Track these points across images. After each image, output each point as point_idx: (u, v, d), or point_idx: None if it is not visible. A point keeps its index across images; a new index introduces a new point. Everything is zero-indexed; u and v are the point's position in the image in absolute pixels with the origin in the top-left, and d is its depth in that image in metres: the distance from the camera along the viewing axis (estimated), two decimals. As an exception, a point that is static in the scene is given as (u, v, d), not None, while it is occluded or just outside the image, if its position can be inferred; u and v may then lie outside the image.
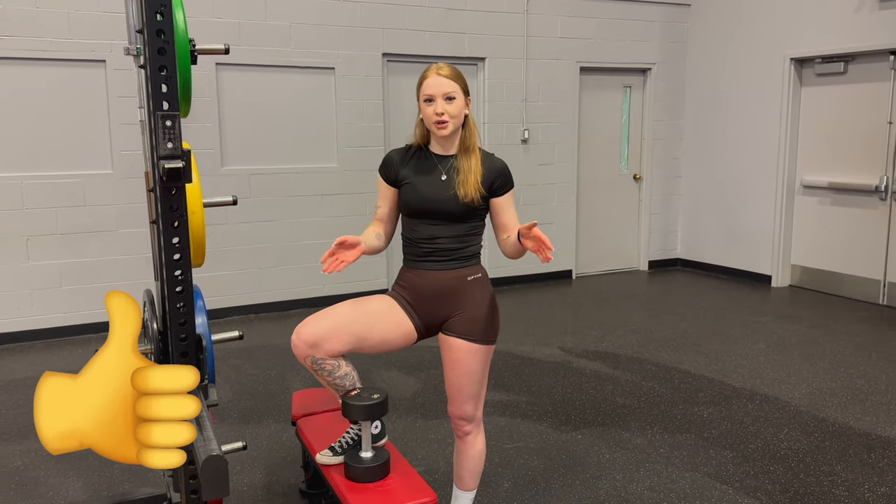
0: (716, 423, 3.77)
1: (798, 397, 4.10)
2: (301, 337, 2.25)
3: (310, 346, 2.25)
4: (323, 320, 2.28)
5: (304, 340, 2.25)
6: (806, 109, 6.68)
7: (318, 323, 2.27)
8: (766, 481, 3.14)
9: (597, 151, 7.46)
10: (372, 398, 2.31)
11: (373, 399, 2.30)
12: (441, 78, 2.27)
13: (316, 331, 2.25)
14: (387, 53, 6.25)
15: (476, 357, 2.32)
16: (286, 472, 3.26)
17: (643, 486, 3.11)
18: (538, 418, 3.84)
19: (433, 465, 3.30)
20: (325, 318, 2.29)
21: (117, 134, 5.41)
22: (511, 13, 6.68)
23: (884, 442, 3.52)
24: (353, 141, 6.20)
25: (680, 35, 7.55)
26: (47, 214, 5.28)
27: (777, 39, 6.70)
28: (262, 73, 5.83)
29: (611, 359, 4.82)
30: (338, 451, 2.48)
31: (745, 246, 7.22)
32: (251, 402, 4.11)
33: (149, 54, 1.97)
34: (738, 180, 7.21)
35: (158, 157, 1.99)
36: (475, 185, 2.27)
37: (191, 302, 2.12)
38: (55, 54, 5.18)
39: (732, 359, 4.79)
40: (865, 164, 6.20)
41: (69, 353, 5.07)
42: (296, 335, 2.27)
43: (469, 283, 2.34)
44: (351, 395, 2.31)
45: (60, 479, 3.22)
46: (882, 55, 5.98)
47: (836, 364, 4.67)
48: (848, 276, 6.43)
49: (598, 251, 7.61)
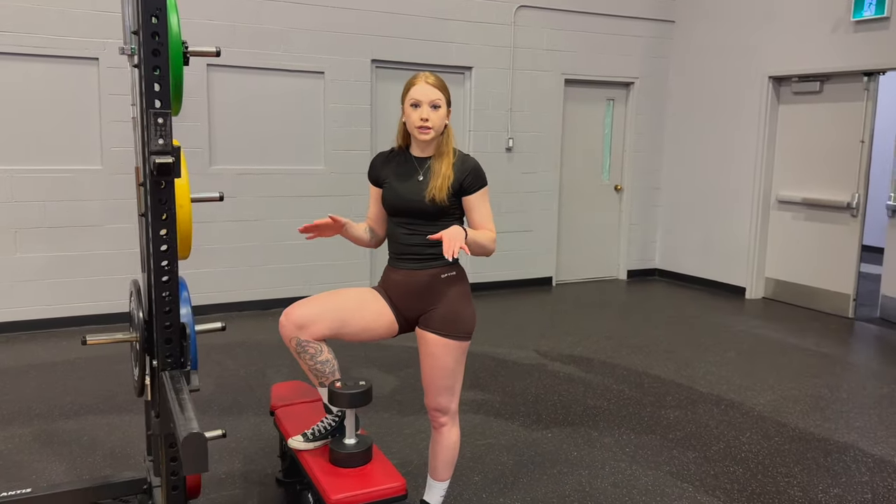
0: (681, 425, 3.90)
1: (762, 403, 4.25)
2: (290, 318, 2.41)
3: (297, 328, 2.40)
4: (311, 304, 2.44)
5: (293, 322, 2.40)
6: (782, 126, 6.87)
7: (307, 306, 2.43)
8: (725, 481, 3.28)
9: (579, 161, 7.62)
10: (359, 385, 2.43)
11: (359, 387, 2.42)
12: (428, 86, 2.41)
13: (304, 313, 2.40)
14: (376, 60, 6.38)
15: (449, 351, 2.45)
16: (263, 461, 3.36)
17: (607, 483, 3.23)
18: (511, 417, 3.96)
19: (407, 459, 3.41)
20: (313, 302, 2.45)
21: (108, 131, 5.50)
22: (498, 24, 6.83)
23: (840, 447, 3.67)
24: (341, 144, 6.31)
25: (663, 51, 7.73)
26: (35, 207, 5.35)
27: (756, 58, 6.89)
28: (252, 76, 5.94)
29: (584, 363, 4.95)
30: (310, 438, 2.59)
31: (720, 258, 7.39)
32: (232, 395, 4.20)
33: (143, 55, 2.08)
34: (716, 193, 7.39)
35: (149, 153, 2.10)
36: (443, 187, 2.41)
37: (176, 291, 2.23)
38: (49, 51, 5.26)
39: (702, 366, 4.94)
40: (838, 181, 6.39)
41: (53, 344, 5.14)
42: (284, 316, 2.42)
43: (443, 281, 2.47)
44: (338, 386, 2.43)
45: (44, 463, 3.30)
46: (856, 76, 6.18)
47: (801, 373, 4.82)
48: (819, 289, 6.61)
49: (578, 259, 7.76)
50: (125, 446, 3.50)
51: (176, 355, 2.25)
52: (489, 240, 2.45)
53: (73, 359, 4.83)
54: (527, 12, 6.95)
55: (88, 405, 4.03)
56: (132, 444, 3.53)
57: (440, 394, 2.49)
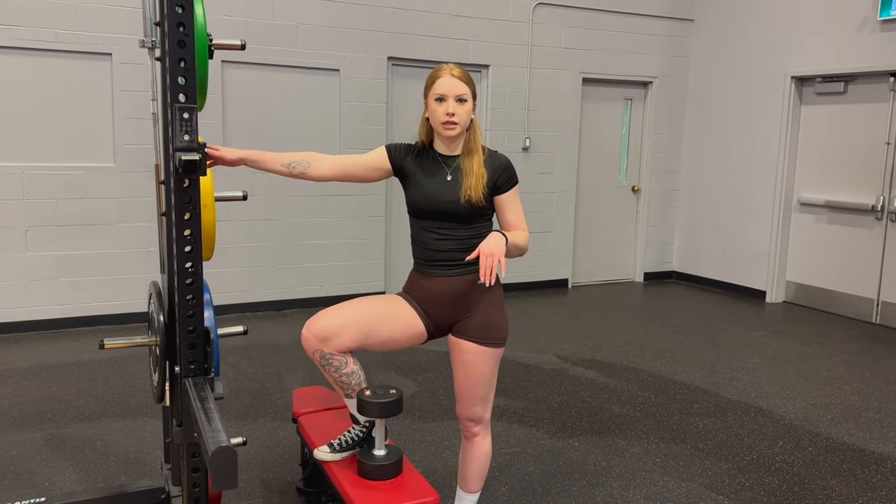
0: (711, 434, 3.78)
1: (792, 412, 4.13)
2: (312, 331, 2.28)
3: (320, 341, 2.27)
4: (334, 315, 2.29)
5: (315, 335, 2.27)
6: (805, 127, 6.73)
7: (329, 318, 2.29)
8: (761, 493, 3.16)
9: (596, 162, 7.50)
10: (389, 394, 2.32)
11: (390, 396, 2.31)
12: (454, 79, 2.27)
13: (327, 325, 2.27)
14: (392, 57, 6.27)
15: (485, 359, 2.33)
16: (283, 469, 3.26)
17: (639, 495, 3.12)
18: (535, 424, 3.85)
19: (431, 467, 3.30)
20: (335, 313, 2.30)
21: (121, 128, 5.41)
22: (516, 22, 6.72)
23: (877, 458, 3.54)
24: (357, 143, 6.21)
25: (682, 49, 7.61)
26: (47, 206, 5.26)
27: (778, 57, 6.76)
28: (267, 72, 5.84)
29: (607, 368, 4.84)
30: (336, 449, 2.48)
31: (740, 261, 7.26)
32: (248, 399, 4.10)
33: (168, 46, 1.98)
34: (736, 195, 7.26)
35: (174, 149, 1.99)
36: (479, 187, 2.28)
37: (200, 294, 2.13)
38: (61, 46, 5.17)
39: (727, 372, 4.82)
40: (862, 184, 6.26)
41: (64, 344, 5.05)
42: (306, 329, 2.29)
43: (479, 287, 2.35)
44: (367, 395, 2.31)
45: (56, 469, 3.20)
46: (882, 76, 6.04)
47: (830, 380, 4.70)
48: (842, 293, 6.47)
49: (594, 261, 7.64)
50: (140, 452, 3.40)
51: (199, 361, 2.15)
52: (525, 240, 2.33)
53: (85, 360, 4.73)
54: (544, 10, 6.83)
55: (102, 408, 3.93)
56: (147, 449, 3.43)
57: (475, 403, 2.38)
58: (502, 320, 2.37)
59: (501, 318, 2.37)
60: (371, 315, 2.33)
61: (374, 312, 2.34)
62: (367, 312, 2.33)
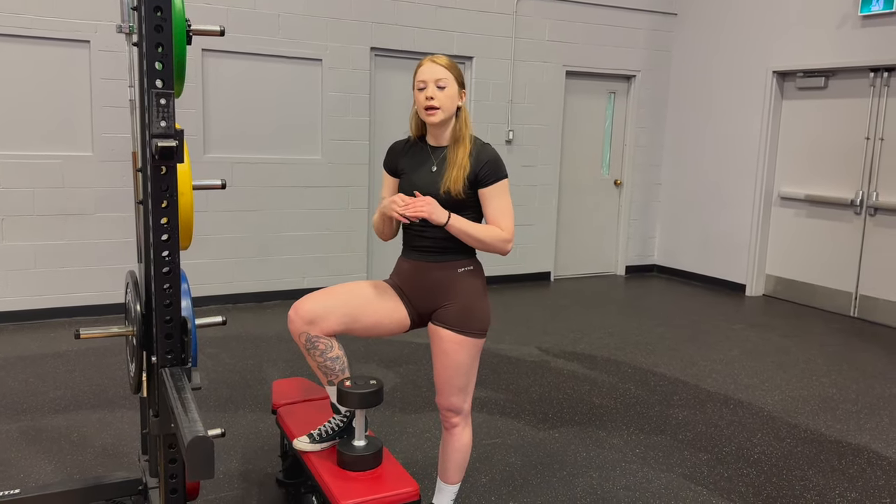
0: (691, 425, 3.81)
1: (771, 403, 4.16)
2: (299, 313, 2.29)
3: (306, 323, 2.28)
4: (321, 298, 2.31)
5: (301, 317, 2.28)
6: (786, 122, 6.78)
7: (316, 301, 2.30)
8: (739, 484, 3.18)
9: (579, 155, 7.51)
10: (369, 384, 2.30)
11: (370, 386, 2.30)
12: (435, 65, 2.29)
13: (313, 308, 2.28)
14: (375, 48, 6.23)
15: (464, 348, 2.33)
16: (263, 460, 3.24)
17: (619, 485, 3.13)
18: (516, 416, 3.85)
19: (411, 459, 3.30)
20: (322, 296, 2.32)
21: (99, 116, 5.33)
22: (500, 13, 6.70)
23: (854, 449, 3.58)
24: (339, 134, 6.17)
25: (665, 44, 7.62)
26: (24, 195, 5.18)
27: (760, 52, 6.80)
28: (248, 61, 5.78)
29: (588, 360, 4.85)
30: (316, 439, 2.46)
31: (721, 254, 7.31)
32: (227, 391, 4.07)
33: (145, 31, 1.95)
34: (717, 189, 7.30)
35: (151, 136, 1.96)
36: (459, 179, 2.27)
37: (177, 283, 2.10)
38: (38, 32, 5.09)
39: (707, 364, 4.85)
40: (842, 179, 6.31)
41: (42, 335, 4.98)
42: (293, 311, 2.30)
43: (459, 275, 2.34)
44: (347, 385, 2.30)
45: (32, 461, 3.16)
46: (862, 72, 6.09)
47: (808, 373, 4.74)
48: (821, 287, 6.54)
49: (576, 254, 7.66)
50: (117, 444, 3.37)
51: (176, 351, 2.12)
52: (492, 237, 2.28)
53: (62, 351, 4.68)
54: (529, 2, 6.82)
55: (78, 400, 3.88)
56: (125, 441, 3.40)
57: (454, 393, 2.37)
58: (483, 311, 2.36)
59: (482, 308, 2.36)
60: (357, 299, 2.34)
61: (360, 297, 2.35)
62: (354, 296, 2.34)
